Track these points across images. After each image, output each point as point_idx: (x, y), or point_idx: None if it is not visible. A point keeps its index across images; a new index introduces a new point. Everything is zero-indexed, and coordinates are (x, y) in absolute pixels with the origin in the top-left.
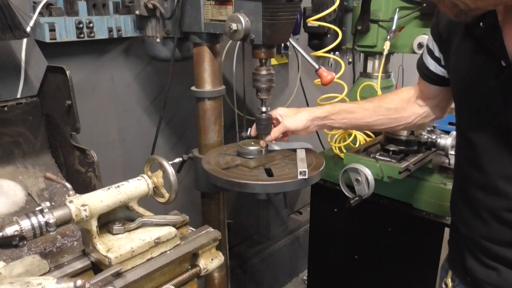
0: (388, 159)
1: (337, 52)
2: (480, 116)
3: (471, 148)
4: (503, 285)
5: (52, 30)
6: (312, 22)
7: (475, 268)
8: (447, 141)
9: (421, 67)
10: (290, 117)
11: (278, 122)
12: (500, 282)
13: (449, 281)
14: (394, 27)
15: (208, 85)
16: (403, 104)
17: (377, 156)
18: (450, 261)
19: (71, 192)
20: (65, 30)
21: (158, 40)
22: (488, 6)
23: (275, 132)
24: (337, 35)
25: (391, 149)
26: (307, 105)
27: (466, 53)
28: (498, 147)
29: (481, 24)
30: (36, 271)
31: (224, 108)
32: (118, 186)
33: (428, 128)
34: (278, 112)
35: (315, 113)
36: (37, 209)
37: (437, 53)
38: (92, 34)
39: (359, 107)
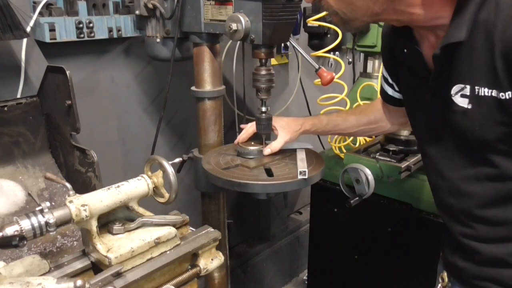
0: (388, 159)
1: (337, 52)
2: (427, 130)
3: (430, 159)
4: (495, 280)
5: (52, 30)
6: (312, 22)
7: (467, 267)
8: None
9: (381, 92)
10: (285, 130)
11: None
12: (493, 277)
13: (445, 275)
14: None
15: (208, 85)
16: (381, 116)
17: (377, 156)
18: (444, 260)
19: (71, 192)
20: (65, 30)
21: (158, 40)
22: (363, 17)
23: (277, 147)
24: (337, 35)
25: (391, 149)
26: (307, 105)
27: (405, 78)
28: (449, 153)
29: (405, 50)
30: (36, 271)
31: (224, 108)
32: (118, 186)
33: None
34: (274, 124)
35: (305, 127)
36: (37, 209)
37: (390, 80)
38: (92, 34)
39: (343, 120)
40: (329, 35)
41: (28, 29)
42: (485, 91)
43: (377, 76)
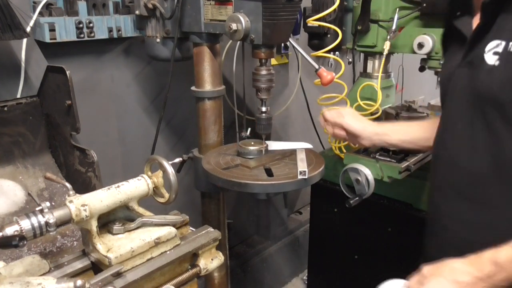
0: (388, 159)
1: (337, 52)
2: (446, 95)
3: (440, 126)
4: None
5: (52, 30)
6: (312, 22)
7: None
8: None
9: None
10: (354, 119)
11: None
12: None
13: None
14: (394, 27)
15: (208, 85)
16: None
17: (377, 156)
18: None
19: (71, 192)
20: (65, 30)
21: (158, 40)
22: None
23: (333, 116)
24: (337, 35)
25: (391, 149)
26: (307, 105)
27: (449, 42)
28: (456, 120)
29: (458, 13)
30: (36, 271)
31: (224, 108)
32: (118, 186)
33: None
34: (342, 111)
35: (380, 129)
36: (37, 209)
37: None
38: (92, 34)
39: (417, 124)
40: (329, 35)
41: (28, 29)
42: None
43: (377, 76)
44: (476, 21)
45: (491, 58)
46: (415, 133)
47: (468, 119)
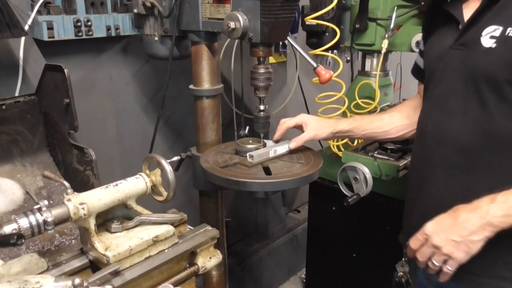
0: (386, 157)
1: (335, 51)
2: (435, 76)
3: (428, 103)
4: None
5: (50, 28)
6: (310, 20)
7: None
8: None
9: (414, 70)
10: (315, 127)
11: (299, 127)
12: None
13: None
14: (392, 26)
15: (206, 84)
16: (411, 111)
17: (375, 155)
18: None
19: (69, 191)
20: (63, 28)
21: (156, 38)
22: None
23: (302, 139)
24: (335, 33)
25: (389, 147)
26: (305, 104)
27: (434, 26)
28: (449, 97)
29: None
30: (34, 269)
31: (222, 107)
32: (116, 185)
33: None
34: (303, 120)
35: (339, 127)
36: (35, 207)
37: (422, 46)
38: (90, 33)
39: (377, 118)
40: (327, 34)
41: (26, 27)
42: None
43: (375, 75)
44: (467, 5)
45: (487, 41)
46: (377, 128)
47: (460, 95)
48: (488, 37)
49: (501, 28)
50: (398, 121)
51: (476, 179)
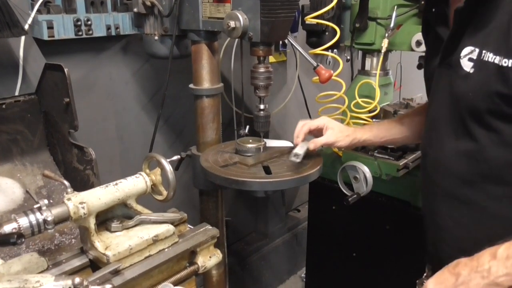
0: (386, 156)
1: (335, 50)
2: (430, 94)
3: (426, 125)
4: None
5: (50, 27)
6: (310, 19)
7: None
8: None
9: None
10: (336, 133)
11: (319, 130)
12: None
13: (429, 267)
14: (392, 25)
15: (206, 83)
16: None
17: (375, 154)
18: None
19: (69, 190)
20: (63, 27)
21: (156, 37)
22: None
23: (320, 142)
24: (335, 32)
25: (389, 146)
26: (305, 103)
27: (429, 44)
28: (440, 122)
29: (433, 10)
30: (34, 268)
31: (222, 106)
32: (116, 184)
33: None
34: (326, 124)
35: (358, 136)
36: (35, 206)
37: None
38: (90, 32)
39: (395, 123)
40: (327, 33)
41: (26, 26)
42: (489, 56)
43: (375, 74)
44: (451, 14)
45: (466, 64)
46: (397, 134)
47: (450, 121)
48: (467, 59)
49: (477, 50)
50: (417, 127)
51: (480, 210)
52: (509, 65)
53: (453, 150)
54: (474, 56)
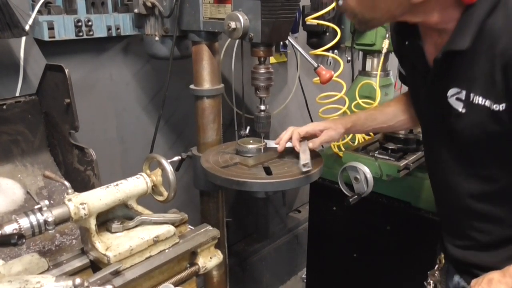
0: (387, 157)
1: (335, 51)
2: (425, 120)
3: (430, 149)
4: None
5: (51, 28)
6: (310, 20)
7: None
8: None
9: (399, 75)
10: (330, 131)
11: (311, 136)
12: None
13: (442, 257)
14: None
15: (206, 84)
16: (406, 107)
17: (376, 155)
18: (441, 245)
19: (69, 191)
20: (63, 28)
21: (156, 38)
22: (381, 18)
23: (318, 142)
24: (335, 33)
25: (390, 147)
26: (306, 104)
27: (407, 67)
28: (444, 150)
29: (406, 43)
30: (35, 269)
31: (223, 107)
32: (117, 185)
33: None
34: (315, 129)
35: (346, 126)
36: (35, 207)
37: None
38: (91, 33)
39: (380, 113)
40: (327, 34)
41: (27, 27)
42: (479, 100)
43: (375, 75)
44: (427, 48)
45: (456, 104)
46: (382, 123)
47: (448, 150)
48: (455, 98)
49: (464, 92)
50: (402, 112)
51: (501, 223)
52: (501, 109)
53: (457, 174)
54: (462, 97)
